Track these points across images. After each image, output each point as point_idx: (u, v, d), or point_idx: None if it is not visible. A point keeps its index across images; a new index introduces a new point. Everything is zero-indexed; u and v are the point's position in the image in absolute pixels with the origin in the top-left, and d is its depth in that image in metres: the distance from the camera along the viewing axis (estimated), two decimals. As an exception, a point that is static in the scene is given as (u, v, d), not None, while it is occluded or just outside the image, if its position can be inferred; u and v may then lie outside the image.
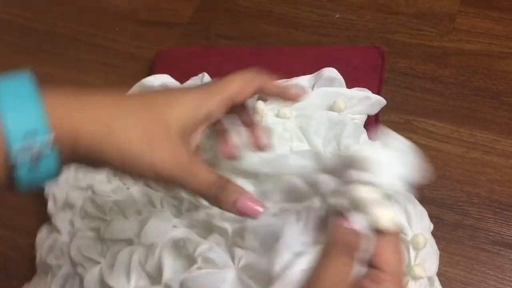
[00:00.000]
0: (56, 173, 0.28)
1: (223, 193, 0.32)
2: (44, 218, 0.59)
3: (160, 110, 0.31)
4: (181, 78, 0.61)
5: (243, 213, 0.32)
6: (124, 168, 0.30)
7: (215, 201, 0.32)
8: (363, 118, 0.56)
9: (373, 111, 0.56)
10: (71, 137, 0.28)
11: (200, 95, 0.34)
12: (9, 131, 0.25)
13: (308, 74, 0.58)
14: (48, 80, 0.29)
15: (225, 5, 0.78)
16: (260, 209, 0.32)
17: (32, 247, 0.57)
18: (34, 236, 0.58)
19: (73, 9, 0.82)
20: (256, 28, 0.74)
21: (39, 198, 0.61)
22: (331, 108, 0.54)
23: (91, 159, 0.29)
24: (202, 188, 0.31)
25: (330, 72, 0.57)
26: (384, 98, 0.57)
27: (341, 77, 0.57)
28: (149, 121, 0.31)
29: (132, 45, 0.75)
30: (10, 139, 0.25)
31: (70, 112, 0.28)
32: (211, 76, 0.65)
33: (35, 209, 0.60)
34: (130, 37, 0.76)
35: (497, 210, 0.54)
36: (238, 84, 0.36)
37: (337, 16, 0.74)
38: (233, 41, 0.73)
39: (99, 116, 0.29)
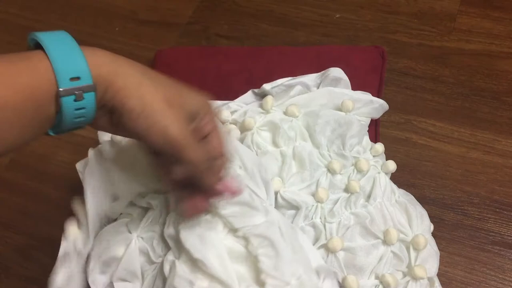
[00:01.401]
0: (93, 116, 0.33)
1: (211, 169, 0.38)
2: (44, 218, 0.59)
3: (179, 88, 0.36)
4: (181, 78, 0.61)
5: (224, 190, 0.40)
6: (138, 121, 0.33)
7: (201, 174, 0.37)
8: (368, 120, 0.56)
9: (377, 115, 0.56)
10: (104, 85, 0.32)
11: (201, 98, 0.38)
12: (58, 75, 0.30)
13: (308, 74, 0.58)
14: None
15: (225, 5, 0.78)
16: (234, 193, 0.41)
17: (32, 247, 0.57)
18: (34, 236, 0.58)
19: (73, 9, 0.82)
20: (256, 28, 0.74)
21: (39, 198, 0.61)
22: (337, 108, 0.54)
23: (112, 107, 0.33)
24: (197, 159, 0.36)
25: (336, 72, 0.57)
26: (384, 98, 0.57)
27: (347, 78, 0.57)
28: (170, 91, 0.35)
29: (132, 45, 0.75)
30: (58, 82, 0.30)
31: (108, 64, 0.32)
32: (211, 76, 0.64)
33: (35, 209, 0.60)
34: (130, 37, 0.76)
35: (498, 210, 0.54)
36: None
37: (337, 16, 0.74)
38: (233, 41, 0.73)
39: (132, 73, 0.33)
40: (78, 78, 0.31)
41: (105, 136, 0.53)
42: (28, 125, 0.30)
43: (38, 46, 0.31)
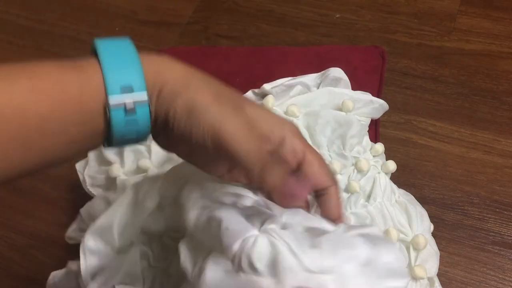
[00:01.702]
0: (147, 131, 0.30)
1: (269, 170, 0.32)
2: (43, 218, 0.59)
3: (234, 94, 0.33)
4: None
5: (286, 196, 0.33)
6: (185, 122, 0.29)
7: (259, 174, 0.32)
8: (368, 120, 0.56)
9: (377, 115, 0.56)
10: (156, 92, 0.30)
11: (286, 121, 0.34)
12: (108, 84, 0.27)
13: (308, 74, 0.58)
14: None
15: (225, 5, 0.78)
16: (305, 195, 0.34)
17: (32, 247, 0.57)
18: (34, 236, 0.58)
19: (73, 9, 0.82)
20: (256, 28, 0.74)
21: (39, 198, 0.61)
22: (338, 108, 0.54)
23: (163, 116, 0.30)
24: (250, 158, 0.31)
25: (336, 72, 0.57)
26: (384, 98, 0.57)
27: (347, 78, 0.57)
28: (221, 89, 0.32)
29: (132, 45, 0.75)
30: (108, 92, 0.27)
31: (161, 70, 0.30)
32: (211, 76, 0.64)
33: (35, 209, 0.60)
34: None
35: (498, 210, 0.54)
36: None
37: (337, 16, 0.74)
38: (233, 41, 0.73)
39: (182, 75, 0.31)
40: (130, 88, 0.28)
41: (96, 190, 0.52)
42: (75, 138, 0.28)
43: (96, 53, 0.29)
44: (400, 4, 0.73)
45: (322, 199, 0.35)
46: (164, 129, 0.31)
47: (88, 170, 0.54)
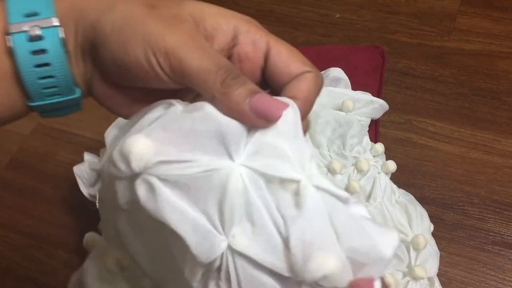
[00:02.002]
0: (64, 70, 0.25)
1: (233, 80, 0.23)
2: (43, 218, 0.59)
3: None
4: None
5: (259, 111, 0.23)
6: (113, 44, 0.24)
7: (221, 88, 0.23)
8: (368, 120, 0.56)
9: (377, 115, 0.56)
10: (74, 20, 0.25)
11: (238, 13, 0.28)
12: (9, 14, 0.24)
13: (308, 74, 0.58)
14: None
15: (225, 5, 0.77)
16: (282, 110, 0.23)
17: (31, 247, 0.57)
18: (34, 236, 0.58)
19: (72, 9, 0.82)
20: (256, 28, 0.74)
21: (39, 198, 0.61)
22: (338, 108, 0.54)
23: (89, 46, 0.25)
24: (206, 64, 0.23)
25: (336, 72, 0.57)
26: (384, 98, 0.57)
27: (347, 78, 0.57)
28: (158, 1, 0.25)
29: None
30: (9, 20, 0.24)
31: None
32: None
33: (35, 209, 0.60)
34: None
35: (498, 210, 0.54)
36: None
37: (337, 16, 0.74)
38: (233, 41, 0.73)
39: None
40: (35, 13, 0.24)
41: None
42: None
43: None
44: (400, 4, 0.73)
45: (290, 83, 0.26)
46: (93, 66, 0.26)
47: (85, 173, 0.54)
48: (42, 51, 0.24)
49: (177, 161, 0.23)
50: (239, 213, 0.23)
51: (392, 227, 0.28)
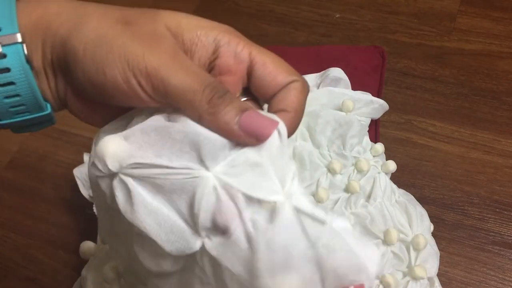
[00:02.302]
0: (28, 88, 0.23)
1: (220, 99, 0.22)
2: (43, 218, 0.59)
3: (150, 10, 0.25)
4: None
5: (249, 130, 0.22)
6: (87, 65, 0.23)
7: (208, 108, 0.22)
8: (368, 120, 0.56)
9: (377, 115, 0.56)
10: (41, 35, 0.23)
11: (217, 23, 0.26)
12: None
13: (308, 74, 0.58)
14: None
15: (225, 5, 0.78)
16: (272, 128, 0.23)
17: (31, 247, 0.57)
18: (34, 236, 0.58)
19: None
20: (256, 28, 0.74)
21: (39, 198, 0.61)
22: (338, 108, 0.54)
23: (60, 63, 0.24)
24: (191, 84, 0.22)
25: (336, 72, 0.57)
26: (384, 98, 0.57)
27: (347, 78, 0.57)
28: (131, 12, 0.24)
29: (132, 45, 0.75)
30: None
31: (44, 4, 0.24)
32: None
33: (35, 209, 0.60)
34: None
35: (498, 210, 0.54)
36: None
37: (337, 16, 0.74)
38: (233, 41, 0.73)
39: (74, 5, 0.24)
40: None
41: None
42: None
43: None
44: (400, 4, 0.73)
45: (278, 93, 0.25)
46: (65, 82, 0.25)
47: (85, 175, 0.54)
48: (6, 69, 0.23)
49: (153, 165, 0.23)
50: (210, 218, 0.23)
51: (372, 243, 0.29)
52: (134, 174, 0.23)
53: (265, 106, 0.27)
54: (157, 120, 0.24)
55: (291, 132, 0.24)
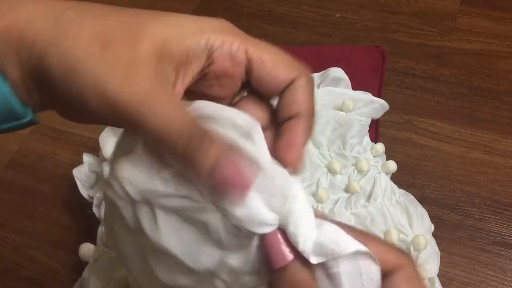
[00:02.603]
0: (3, 102, 0.22)
1: (199, 144, 0.20)
2: (43, 218, 0.59)
3: (134, 19, 0.22)
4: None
5: (226, 184, 0.20)
6: (63, 92, 0.21)
7: (184, 153, 0.21)
8: (368, 120, 0.56)
9: (377, 115, 0.56)
10: (14, 45, 0.21)
11: (207, 20, 0.24)
12: None
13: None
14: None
15: (225, 5, 0.78)
16: (251, 180, 0.20)
17: (31, 247, 0.57)
18: (34, 236, 0.58)
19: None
20: (256, 28, 0.74)
21: (39, 198, 0.61)
22: (338, 108, 0.54)
23: (39, 76, 0.22)
24: (166, 128, 0.21)
25: (337, 72, 0.57)
26: (385, 98, 0.57)
27: (347, 78, 0.57)
28: (111, 24, 0.22)
29: (132, 44, 0.75)
30: None
31: (16, 8, 0.21)
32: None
33: (35, 209, 0.60)
34: None
35: (498, 210, 0.54)
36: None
37: (337, 15, 0.74)
38: (233, 41, 0.73)
39: (50, 12, 0.21)
40: None
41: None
42: None
43: None
44: (401, 4, 0.73)
45: (284, 94, 0.24)
46: (40, 94, 0.23)
47: (84, 175, 0.54)
48: None
49: (176, 195, 0.23)
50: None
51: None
52: (160, 202, 0.23)
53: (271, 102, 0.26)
54: None
55: (311, 133, 0.23)
